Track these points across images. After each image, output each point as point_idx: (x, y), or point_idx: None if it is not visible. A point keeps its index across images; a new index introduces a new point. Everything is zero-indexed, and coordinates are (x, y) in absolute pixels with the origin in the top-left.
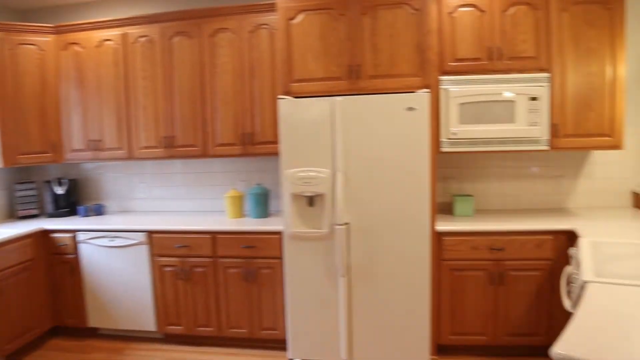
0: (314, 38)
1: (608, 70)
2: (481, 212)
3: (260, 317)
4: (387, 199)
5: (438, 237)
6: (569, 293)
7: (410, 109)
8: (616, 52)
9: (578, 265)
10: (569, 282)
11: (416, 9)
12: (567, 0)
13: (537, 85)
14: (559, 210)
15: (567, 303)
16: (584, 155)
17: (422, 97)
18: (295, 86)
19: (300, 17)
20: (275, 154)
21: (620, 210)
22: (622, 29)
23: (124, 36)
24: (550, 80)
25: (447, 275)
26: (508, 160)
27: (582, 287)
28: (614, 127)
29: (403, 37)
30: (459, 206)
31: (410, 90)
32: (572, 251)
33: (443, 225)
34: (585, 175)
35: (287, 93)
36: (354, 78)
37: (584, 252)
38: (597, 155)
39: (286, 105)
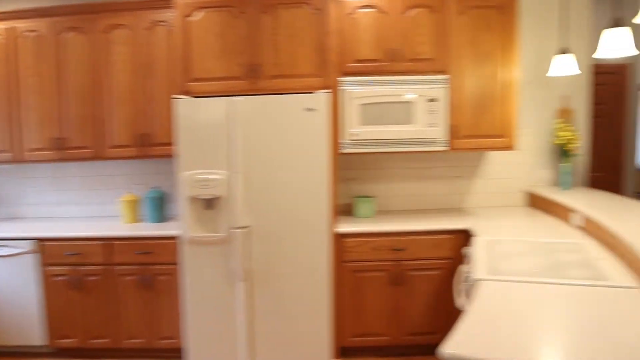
0: (214, 36)
1: (502, 73)
2: (383, 213)
3: (158, 326)
4: (287, 201)
5: (339, 239)
6: (464, 291)
7: (310, 109)
8: (510, 55)
9: (472, 264)
10: (464, 281)
11: (316, 9)
12: (465, 4)
13: (436, 87)
14: (458, 210)
15: (460, 301)
16: (481, 155)
17: (321, 97)
18: (194, 85)
19: (199, 15)
20: (173, 156)
21: (514, 209)
22: (515, 34)
23: (11, 30)
24: (449, 82)
25: (349, 276)
26: (409, 161)
27: (474, 285)
28: (508, 128)
29: (303, 37)
30: (360, 207)
31: (310, 90)
32: (466, 250)
33: (344, 227)
34: (482, 175)
35: (186, 93)
36: (254, 78)
37: (477, 251)
38: (494, 156)
39: (183, 105)
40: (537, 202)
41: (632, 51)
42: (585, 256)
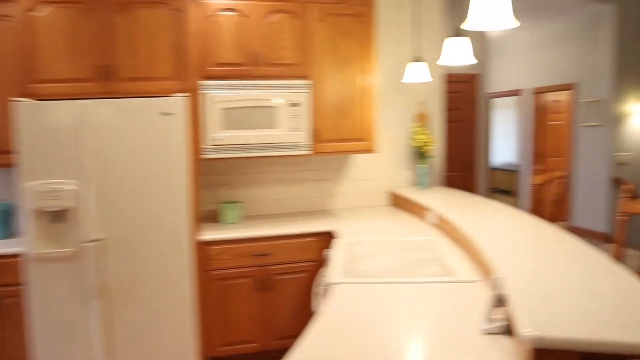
0: (61, 34)
1: (362, 79)
2: (251, 218)
3: (3, 354)
4: (145, 210)
5: (202, 247)
6: (321, 295)
7: (166, 114)
8: (368, 62)
9: (330, 267)
10: (321, 284)
11: (175, 10)
12: (324, 11)
13: (298, 91)
14: (325, 213)
15: (317, 304)
16: (346, 158)
17: (178, 101)
18: (40, 87)
19: (45, 10)
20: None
21: (379, 209)
22: (373, 41)
23: None
24: (311, 87)
25: (214, 285)
26: (277, 165)
27: (329, 289)
28: (368, 132)
29: (161, 39)
30: (227, 213)
31: (169, 94)
32: (327, 253)
33: (207, 234)
34: (348, 177)
35: (29, 95)
36: (107, 80)
37: (337, 253)
38: (358, 158)
39: (24, 108)
40: (399, 202)
41: (471, 60)
42: (437, 253)
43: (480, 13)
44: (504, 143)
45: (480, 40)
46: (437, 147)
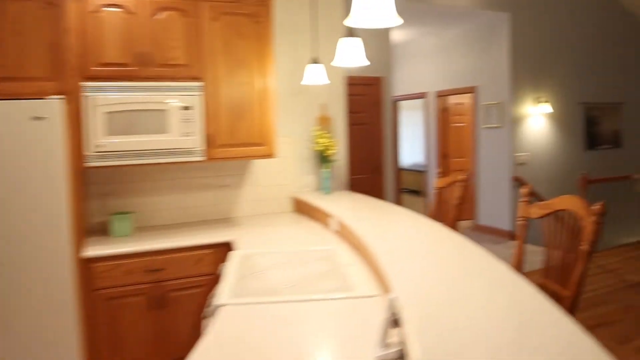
0: None
1: (258, 81)
2: (145, 229)
3: None
4: (17, 226)
5: (87, 265)
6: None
7: (38, 118)
8: (266, 63)
9: (220, 285)
10: (208, 305)
11: (50, 4)
12: (217, 10)
13: (191, 94)
14: (227, 221)
15: (205, 326)
16: (248, 163)
17: (53, 104)
18: None
19: None
20: None
21: (283, 216)
22: (270, 42)
23: None
24: (204, 89)
25: (103, 306)
26: (172, 171)
27: (215, 311)
28: (267, 136)
29: (35, 35)
30: (116, 225)
31: (44, 96)
32: (221, 268)
33: (93, 250)
34: (251, 183)
35: None
36: None
37: (230, 268)
38: (261, 163)
39: None
40: (302, 208)
41: (363, 61)
42: (337, 264)
43: (363, 10)
44: (413, 144)
45: (385, 44)
46: (340, 150)
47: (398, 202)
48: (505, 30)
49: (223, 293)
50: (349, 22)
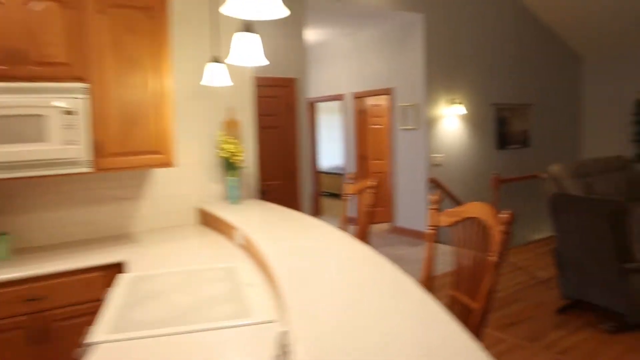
0: None
1: (154, 83)
2: (25, 251)
3: None
4: None
5: None
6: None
7: None
8: (162, 63)
9: (100, 316)
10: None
11: None
12: (104, 2)
13: (74, 96)
14: (121, 238)
15: None
16: (146, 173)
17: None
18: None
19: None
20: None
21: (186, 229)
22: (166, 40)
23: None
24: (90, 91)
25: None
26: (58, 185)
27: (87, 351)
28: (165, 143)
29: None
30: None
31: None
32: (107, 293)
33: None
34: (151, 194)
35: None
36: None
37: (115, 295)
38: (161, 173)
39: None
40: (208, 220)
41: (262, 60)
42: (237, 284)
43: None
44: (331, 147)
45: (298, 44)
46: (249, 156)
47: (317, 206)
48: (420, 31)
49: (99, 328)
50: (224, 9)
